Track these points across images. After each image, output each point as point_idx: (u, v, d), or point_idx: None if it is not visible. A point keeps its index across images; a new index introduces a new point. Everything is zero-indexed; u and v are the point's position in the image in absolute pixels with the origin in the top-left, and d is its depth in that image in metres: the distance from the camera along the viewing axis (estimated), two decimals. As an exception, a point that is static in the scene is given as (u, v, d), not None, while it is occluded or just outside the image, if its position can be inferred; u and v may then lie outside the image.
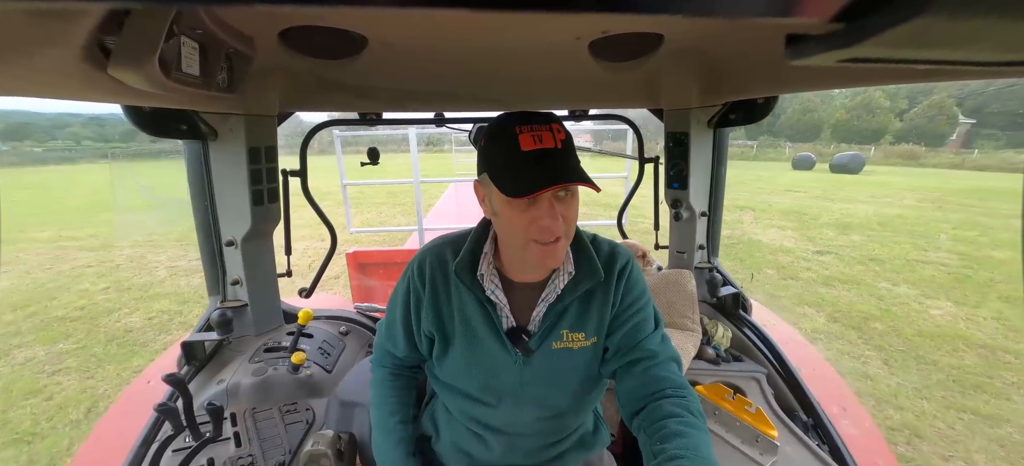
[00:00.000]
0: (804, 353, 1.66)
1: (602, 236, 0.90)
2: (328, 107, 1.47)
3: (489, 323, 0.84)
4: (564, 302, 0.82)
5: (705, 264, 1.73)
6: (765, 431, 1.10)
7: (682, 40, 0.98)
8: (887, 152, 32.61)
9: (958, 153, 31.33)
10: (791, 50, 0.37)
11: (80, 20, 0.48)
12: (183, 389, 0.98)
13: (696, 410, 0.76)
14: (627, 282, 0.85)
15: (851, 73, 0.89)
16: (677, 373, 0.82)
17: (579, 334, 0.84)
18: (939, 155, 30.31)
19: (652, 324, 0.86)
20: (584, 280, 0.82)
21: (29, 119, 70.66)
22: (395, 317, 0.93)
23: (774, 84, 1.17)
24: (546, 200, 0.71)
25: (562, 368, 0.85)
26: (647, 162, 1.79)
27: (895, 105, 43.14)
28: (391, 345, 0.96)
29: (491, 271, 0.84)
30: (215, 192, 1.38)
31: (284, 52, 0.95)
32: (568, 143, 0.73)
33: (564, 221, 0.73)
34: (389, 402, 0.95)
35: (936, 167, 26.39)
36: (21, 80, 0.53)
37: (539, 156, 0.70)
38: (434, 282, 0.87)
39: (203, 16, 0.70)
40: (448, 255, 0.86)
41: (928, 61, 0.34)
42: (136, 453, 1.03)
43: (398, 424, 0.93)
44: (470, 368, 0.86)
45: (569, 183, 0.69)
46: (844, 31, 0.31)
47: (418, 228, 4.17)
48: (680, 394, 0.78)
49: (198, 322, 1.43)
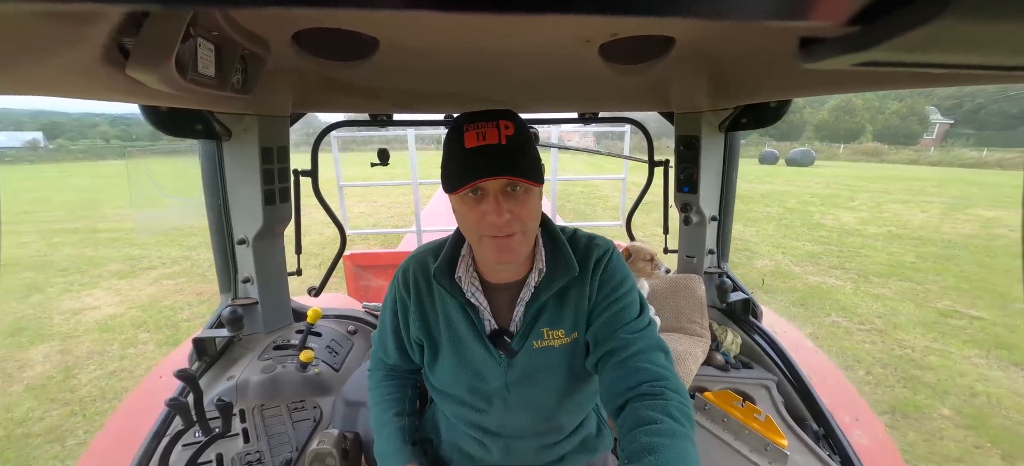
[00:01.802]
0: (815, 360, 1.64)
1: (583, 231, 0.89)
2: (339, 108, 1.49)
3: (472, 327, 0.84)
4: (540, 300, 0.82)
5: (715, 269, 1.71)
6: (775, 440, 1.08)
7: (693, 43, 0.97)
8: (854, 150, 36.03)
9: (917, 151, 34.59)
10: (804, 53, 0.36)
11: (100, 22, 0.49)
12: (194, 385, 1.00)
13: (676, 411, 0.70)
14: (603, 273, 0.83)
15: (865, 77, 0.87)
16: (660, 364, 0.77)
17: (558, 331, 0.83)
18: (900, 152, 33.14)
19: (631, 313, 0.82)
20: (559, 276, 0.82)
21: (59, 118, 72.70)
22: (386, 326, 0.94)
23: (787, 88, 1.16)
24: (492, 195, 0.72)
25: (545, 367, 0.84)
26: (657, 166, 1.78)
27: (883, 105, 47.29)
28: (383, 353, 0.98)
29: (470, 274, 0.85)
30: (228, 191, 1.40)
31: (297, 54, 0.96)
32: (516, 140, 0.72)
33: (515, 217, 0.73)
34: (384, 400, 0.97)
35: (894, 163, 29.39)
36: (44, 80, 0.55)
37: (479, 152, 0.71)
38: (418, 289, 0.88)
39: (219, 18, 0.71)
40: (429, 261, 0.87)
41: (944, 65, 0.34)
42: (147, 447, 1.05)
43: (393, 416, 0.94)
44: (458, 373, 0.86)
45: (494, 177, 0.70)
46: (859, 34, 0.31)
47: (416, 229, 4.20)
48: (659, 391, 0.72)
49: (209, 319, 1.46)
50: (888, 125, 44.37)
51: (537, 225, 0.80)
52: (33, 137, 52.25)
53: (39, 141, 51.67)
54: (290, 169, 1.48)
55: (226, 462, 1.03)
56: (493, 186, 0.72)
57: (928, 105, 45.41)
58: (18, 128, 58.73)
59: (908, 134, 42.68)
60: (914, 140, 41.85)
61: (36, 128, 63.12)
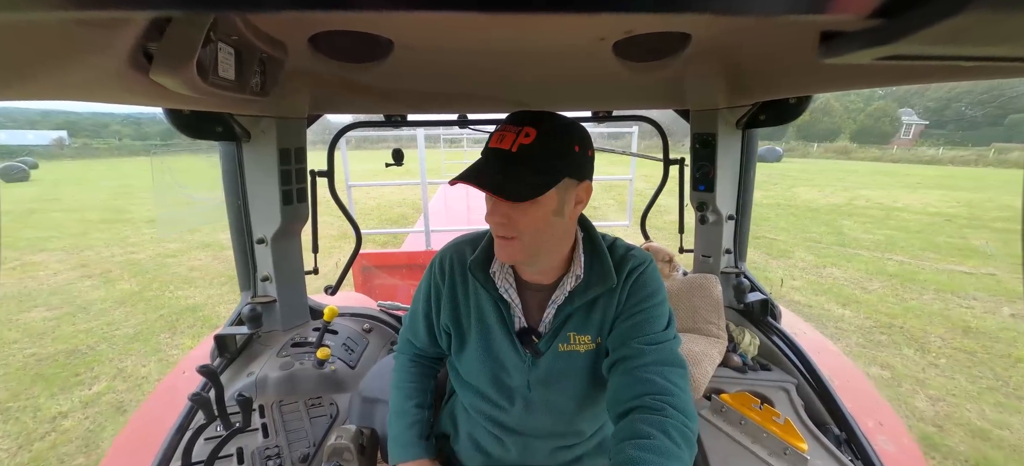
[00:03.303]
0: (837, 363, 1.59)
1: (624, 241, 0.89)
2: (355, 109, 1.51)
3: (501, 322, 0.85)
4: (573, 305, 0.82)
5: (732, 269, 1.68)
6: (794, 444, 1.06)
7: (710, 39, 0.95)
8: (827, 148, 39.82)
9: (882, 149, 37.97)
10: (825, 48, 0.35)
11: (126, 28, 0.51)
12: (215, 380, 1.02)
13: (674, 430, 0.68)
14: (634, 283, 0.82)
15: (888, 71, 0.84)
16: (670, 379, 0.74)
17: (585, 336, 0.83)
18: (867, 151, 36.19)
19: (655, 326, 0.80)
20: (595, 285, 0.81)
21: (73, 118, 74.89)
22: (417, 309, 0.96)
23: (807, 83, 1.13)
24: (493, 198, 0.74)
25: (567, 371, 0.84)
26: (672, 164, 1.75)
27: (859, 106, 51.98)
28: (412, 336, 1.00)
29: (505, 270, 0.85)
30: (248, 191, 1.44)
31: (314, 56, 0.98)
32: (532, 149, 0.70)
33: (511, 223, 0.74)
34: (407, 386, 0.98)
35: (860, 160, 32.57)
36: (72, 86, 0.57)
37: (484, 156, 0.74)
38: (453, 278, 0.89)
39: (238, 22, 0.73)
40: (467, 252, 0.89)
41: (970, 58, 0.33)
42: (171, 440, 1.08)
43: (413, 407, 0.95)
44: (483, 365, 0.87)
45: (466, 183, 0.71)
46: (883, 27, 0.30)
47: (425, 229, 4.25)
48: (660, 406, 0.70)
49: (230, 316, 1.49)
50: (863, 126, 48.61)
51: (548, 238, 0.78)
52: (58, 135, 54.43)
53: (64, 139, 53.78)
54: (307, 170, 1.50)
55: (247, 456, 1.05)
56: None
57: (902, 108, 50.11)
58: (32, 127, 61.00)
59: (881, 134, 47.29)
60: (887, 140, 46.65)
61: (49, 127, 65.21)
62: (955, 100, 50.06)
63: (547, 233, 0.77)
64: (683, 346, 1.31)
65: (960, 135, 47.22)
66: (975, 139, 43.58)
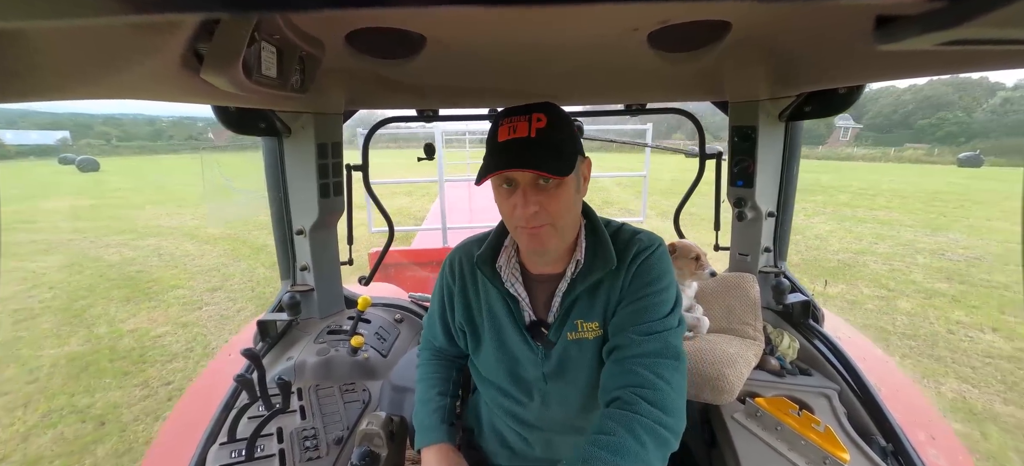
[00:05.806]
0: (885, 370, 1.50)
1: (632, 225, 0.87)
2: (389, 105, 1.54)
3: (511, 317, 0.85)
4: (575, 291, 0.81)
5: (771, 268, 1.60)
6: (835, 453, 1.01)
7: (752, 26, 0.91)
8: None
9: (811, 148, 41.91)
10: (881, 33, 0.33)
11: (179, 30, 0.54)
12: (258, 363, 1.08)
13: (641, 428, 0.66)
14: (640, 267, 0.80)
15: (949, 57, 0.78)
16: (659, 372, 0.72)
17: (592, 323, 0.82)
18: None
19: (656, 313, 0.77)
20: (596, 269, 0.80)
21: (86, 120, 77.36)
22: (434, 312, 0.99)
23: (859, 72, 1.05)
24: (521, 188, 0.73)
25: (579, 359, 0.83)
26: (709, 158, 1.69)
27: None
28: (432, 336, 1.02)
29: (512, 265, 0.86)
30: (288, 185, 1.50)
31: (350, 54, 1.01)
32: (548, 132, 0.71)
33: (543, 210, 0.73)
34: (430, 377, 1.00)
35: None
36: (127, 86, 0.61)
37: (508, 146, 0.72)
38: (463, 277, 0.91)
39: (280, 22, 0.76)
40: (474, 249, 0.90)
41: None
42: (218, 417, 1.15)
43: (437, 395, 0.97)
44: (499, 361, 0.88)
45: (510, 170, 0.71)
46: (945, 10, 0.27)
47: (442, 227, 4.34)
48: (632, 401, 0.69)
49: (272, 303, 1.57)
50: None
51: (572, 218, 0.79)
52: (62, 135, 58.46)
53: (67, 140, 57.42)
54: (343, 164, 1.55)
55: (285, 436, 1.11)
56: (523, 179, 0.73)
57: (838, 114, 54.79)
58: (39, 127, 64.14)
59: (816, 136, 51.11)
60: (821, 141, 50.81)
61: (57, 127, 69.06)
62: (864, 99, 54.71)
63: (573, 212, 0.79)
64: (717, 346, 1.27)
65: (874, 137, 55.45)
66: (889, 140, 50.21)
